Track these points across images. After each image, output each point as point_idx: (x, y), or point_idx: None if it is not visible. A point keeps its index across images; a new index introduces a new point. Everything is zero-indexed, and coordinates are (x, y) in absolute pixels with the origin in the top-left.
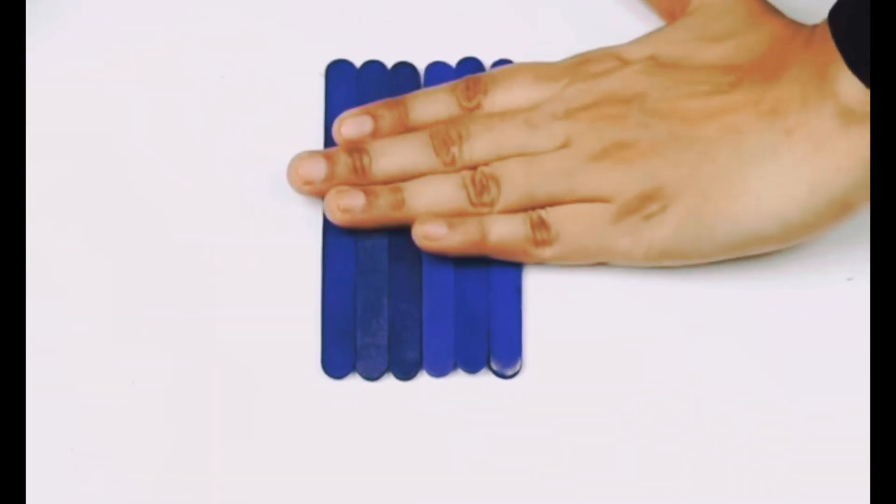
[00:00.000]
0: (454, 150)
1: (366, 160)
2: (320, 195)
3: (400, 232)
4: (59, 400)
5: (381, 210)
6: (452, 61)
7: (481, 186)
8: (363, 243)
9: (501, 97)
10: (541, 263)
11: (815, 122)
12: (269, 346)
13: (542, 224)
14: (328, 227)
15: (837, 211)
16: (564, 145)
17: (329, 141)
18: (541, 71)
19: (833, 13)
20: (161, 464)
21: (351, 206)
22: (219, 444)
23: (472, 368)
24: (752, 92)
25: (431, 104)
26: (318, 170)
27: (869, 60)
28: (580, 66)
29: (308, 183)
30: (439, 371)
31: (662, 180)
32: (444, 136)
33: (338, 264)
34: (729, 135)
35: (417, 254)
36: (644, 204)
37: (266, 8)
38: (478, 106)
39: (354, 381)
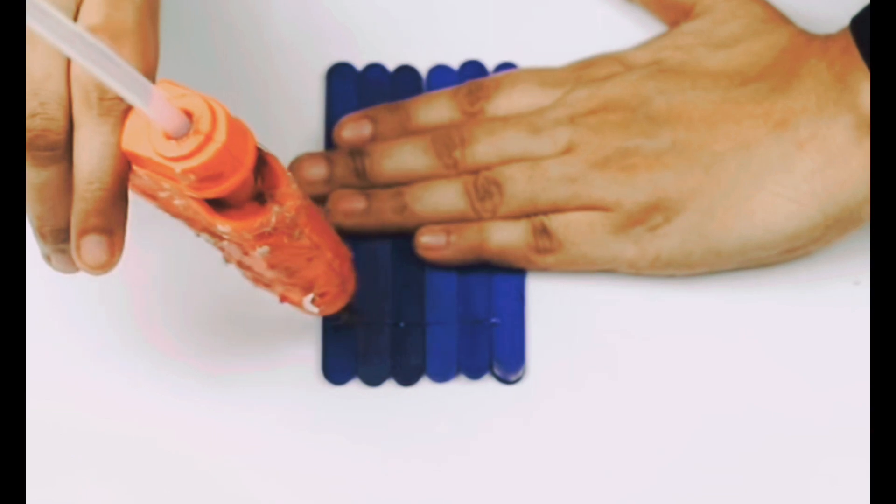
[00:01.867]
0: (456, 153)
1: (367, 162)
2: (322, 196)
3: (403, 236)
4: (61, 404)
5: (383, 214)
6: (455, 64)
7: (483, 191)
8: (366, 247)
9: (504, 102)
10: (544, 271)
11: (829, 134)
12: (270, 351)
13: (544, 231)
14: None
15: (846, 225)
16: (567, 151)
17: (330, 144)
18: (544, 76)
19: (856, 21)
20: (161, 469)
21: (352, 209)
22: (220, 449)
23: (475, 374)
24: (761, 101)
25: (433, 108)
26: (319, 171)
27: None
28: (583, 70)
29: (309, 184)
30: (442, 377)
31: (666, 192)
32: (446, 139)
33: None
34: (737, 148)
35: (420, 258)
36: (648, 215)
37: (267, 10)
38: (480, 111)
39: (356, 387)
